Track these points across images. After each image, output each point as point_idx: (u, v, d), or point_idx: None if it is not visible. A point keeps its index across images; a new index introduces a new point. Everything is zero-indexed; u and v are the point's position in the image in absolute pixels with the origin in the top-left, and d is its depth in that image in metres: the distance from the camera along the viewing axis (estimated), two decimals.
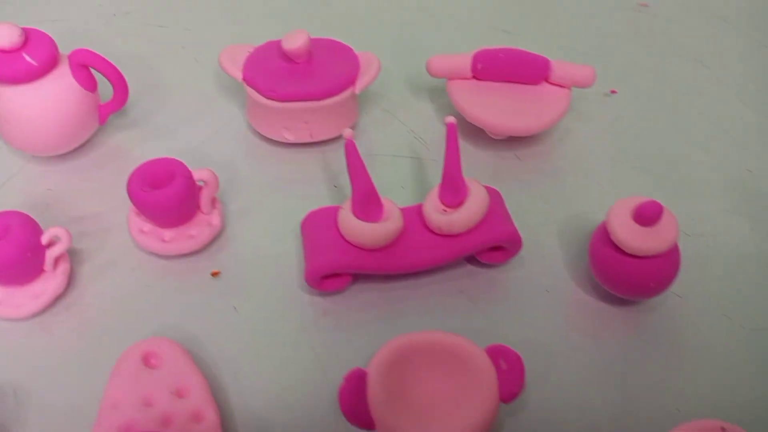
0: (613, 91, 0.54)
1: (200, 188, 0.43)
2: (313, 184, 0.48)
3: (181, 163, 0.41)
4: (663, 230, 0.37)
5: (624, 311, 0.42)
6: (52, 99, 0.44)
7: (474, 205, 0.40)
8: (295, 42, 0.46)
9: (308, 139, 0.48)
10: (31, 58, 0.42)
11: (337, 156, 0.49)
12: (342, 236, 0.40)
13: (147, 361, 0.36)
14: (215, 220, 0.43)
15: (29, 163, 0.48)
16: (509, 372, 0.34)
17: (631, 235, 0.37)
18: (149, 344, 0.37)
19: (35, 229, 0.39)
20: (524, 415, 0.37)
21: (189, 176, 0.41)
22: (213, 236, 0.43)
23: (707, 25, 0.62)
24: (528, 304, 0.42)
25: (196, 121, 0.52)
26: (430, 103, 0.53)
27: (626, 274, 0.38)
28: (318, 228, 0.41)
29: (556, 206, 0.47)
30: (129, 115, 0.51)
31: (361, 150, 0.40)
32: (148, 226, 0.42)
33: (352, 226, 0.39)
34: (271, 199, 0.47)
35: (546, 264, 0.44)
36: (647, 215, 0.37)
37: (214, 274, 0.42)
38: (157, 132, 0.51)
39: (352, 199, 0.40)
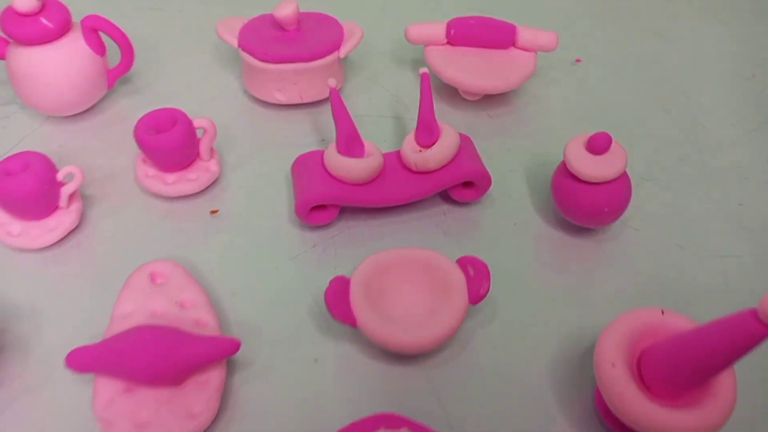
0: (577, 60, 0.59)
1: (199, 139, 0.47)
2: (302, 140, 0.52)
3: (182, 112, 0.46)
4: (613, 159, 0.42)
5: (586, 242, 0.46)
6: (65, 61, 0.48)
7: (446, 143, 0.44)
8: (284, 9, 0.51)
9: (298, 100, 0.53)
10: (48, 21, 0.47)
11: (324, 117, 0.53)
12: (328, 173, 0.44)
13: (153, 279, 0.41)
14: (213, 166, 0.48)
15: (43, 124, 0.53)
16: (476, 277, 0.39)
17: (584, 163, 0.42)
18: (155, 265, 0.41)
19: (52, 167, 0.43)
20: (493, 328, 0.41)
21: (189, 123, 0.46)
22: (211, 181, 0.47)
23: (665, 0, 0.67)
24: (498, 237, 0.46)
25: (195, 89, 0.56)
26: (410, 71, 0.58)
27: (583, 201, 0.43)
28: (306, 168, 0.46)
29: (523, 155, 0.51)
30: (133, 83, 0.56)
31: None
32: (152, 171, 0.47)
33: (337, 161, 0.44)
34: (264, 152, 0.51)
35: (514, 203, 0.48)
36: (598, 144, 0.41)
37: (213, 212, 0.47)
38: (158, 98, 0.55)
39: (337, 139, 0.44)
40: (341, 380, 0.39)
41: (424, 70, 0.46)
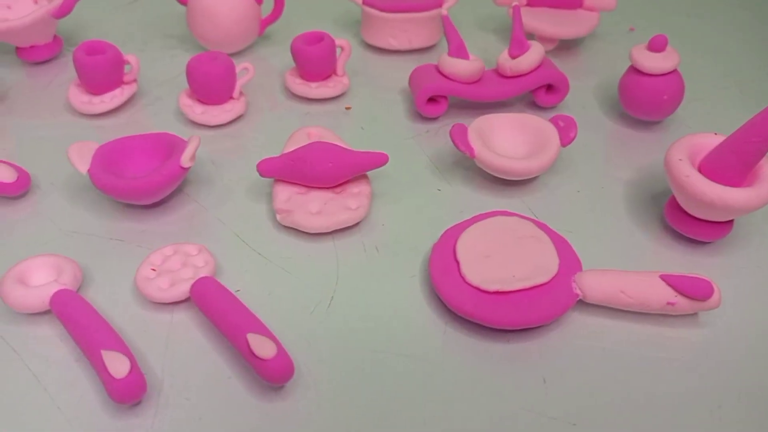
0: (631, 29, 0.72)
1: (337, 57, 0.61)
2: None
3: (327, 33, 0.59)
4: (669, 56, 0.53)
5: (648, 136, 0.57)
6: (233, 5, 0.63)
7: (534, 52, 0.57)
8: None
9: (407, 46, 0.66)
10: None
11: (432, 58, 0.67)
12: (441, 73, 0.57)
13: (309, 136, 0.52)
14: (346, 80, 0.61)
15: None
16: (566, 127, 0.50)
17: (646, 58, 0.53)
18: (310, 128, 0.53)
19: (232, 62, 0.57)
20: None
21: (332, 40, 0.59)
22: (343, 90, 0.60)
23: None
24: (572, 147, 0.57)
25: None
26: (492, 33, 0.72)
27: (645, 91, 0.54)
28: (422, 73, 0.58)
29: (590, 82, 0.63)
30: (270, 37, 0.70)
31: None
32: (300, 80, 0.60)
33: (449, 62, 0.56)
34: (383, 78, 0.64)
35: (587, 115, 0.59)
36: (657, 43, 0.53)
37: (347, 108, 0.59)
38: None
39: (449, 49, 0.57)
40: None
41: (515, 3, 0.59)
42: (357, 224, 0.48)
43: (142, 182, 0.45)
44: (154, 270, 0.42)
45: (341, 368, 0.39)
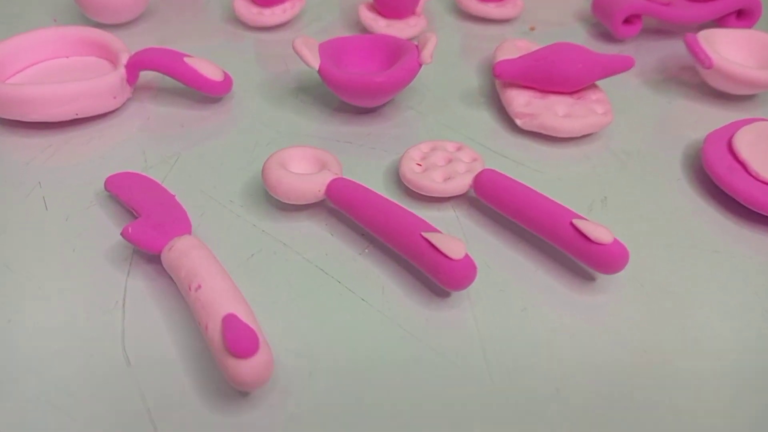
0: None
1: None
2: None
3: None
4: None
5: None
6: None
7: None
8: None
9: None
10: None
11: None
12: None
13: (519, 48, 0.49)
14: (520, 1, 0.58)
15: None
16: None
17: None
18: (518, 40, 0.50)
19: None
20: None
21: None
22: (518, 12, 0.57)
23: None
24: None
25: None
26: None
27: None
28: None
29: None
30: None
31: None
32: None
33: None
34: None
35: None
36: None
37: (531, 29, 0.56)
38: None
39: None
40: None
41: None
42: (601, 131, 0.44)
43: (384, 77, 0.41)
44: (419, 165, 0.38)
45: None
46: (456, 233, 0.37)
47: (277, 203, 0.38)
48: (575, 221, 0.33)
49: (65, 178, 0.40)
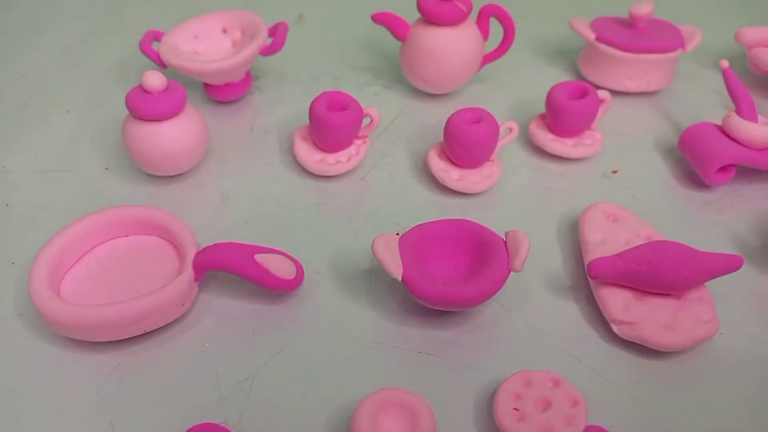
0: None
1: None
2: (647, 125, 0.58)
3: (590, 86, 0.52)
4: None
5: None
6: (464, 40, 0.55)
7: None
8: (642, 8, 0.58)
9: (645, 88, 0.59)
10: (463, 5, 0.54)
11: (668, 104, 0.60)
12: (729, 136, 0.50)
13: (606, 215, 0.46)
14: (599, 134, 0.53)
15: (413, 100, 0.59)
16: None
17: None
18: (606, 204, 0.46)
19: (497, 123, 0.49)
20: None
21: (595, 93, 0.52)
22: (599, 149, 0.53)
23: None
24: None
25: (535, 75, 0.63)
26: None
27: None
28: (702, 135, 0.51)
29: None
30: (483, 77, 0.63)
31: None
32: (552, 136, 0.53)
33: (743, 125, 0.49)
34: (625, 124, 0.57)
35: None
36: None
37: (614, 172, 0.52)
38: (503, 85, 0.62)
39: (738, 108, 0.50)
40: None
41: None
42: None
43: (472, 291, 0.38)
44: (516, 410, 0.35)
45: None
46: None
47: None
48: None
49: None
